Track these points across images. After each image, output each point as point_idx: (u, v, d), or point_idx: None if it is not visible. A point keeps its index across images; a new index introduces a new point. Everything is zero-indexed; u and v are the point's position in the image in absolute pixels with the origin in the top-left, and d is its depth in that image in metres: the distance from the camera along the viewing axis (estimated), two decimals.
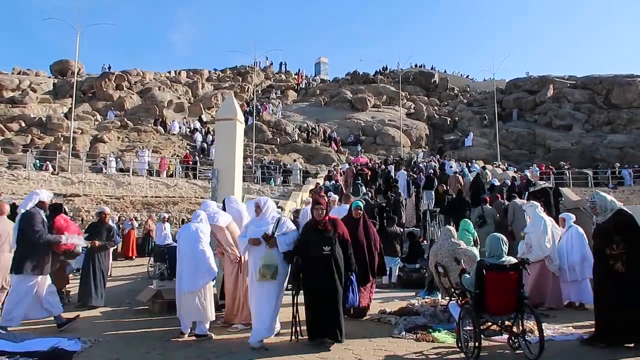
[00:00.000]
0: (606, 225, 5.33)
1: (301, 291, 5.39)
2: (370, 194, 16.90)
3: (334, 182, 19.21)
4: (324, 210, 5.50)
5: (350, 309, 6.25)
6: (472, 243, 8.13)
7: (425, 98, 46.10)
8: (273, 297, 5.35)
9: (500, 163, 29.04)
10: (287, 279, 5.55)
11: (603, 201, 5.46)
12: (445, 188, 15.67)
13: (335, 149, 33.69)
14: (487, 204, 11.72)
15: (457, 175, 18.38)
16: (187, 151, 28.92)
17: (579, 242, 7.55)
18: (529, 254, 7.41)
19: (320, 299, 5.18)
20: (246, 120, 24.15)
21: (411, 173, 21.11)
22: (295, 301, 5.36)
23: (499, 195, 13.43)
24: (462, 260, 6.26)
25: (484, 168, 23.97)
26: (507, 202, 12.16)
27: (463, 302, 5.36)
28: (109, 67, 42.31)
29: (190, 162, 25.37)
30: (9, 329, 5.61)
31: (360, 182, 18.17)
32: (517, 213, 10.81)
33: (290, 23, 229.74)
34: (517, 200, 11.68)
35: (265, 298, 5.33)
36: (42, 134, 28.46)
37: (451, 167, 22.86)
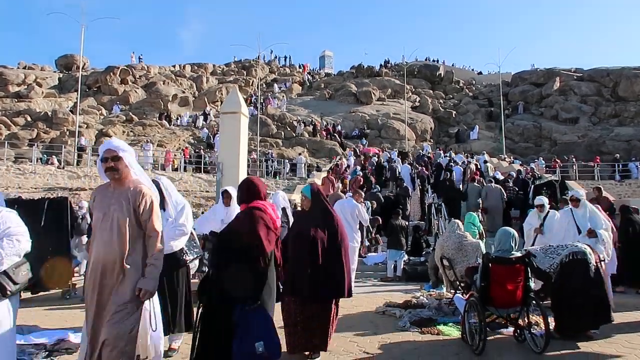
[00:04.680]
0: None
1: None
2: (377, 187, 16.96)
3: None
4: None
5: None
6: (477, 236, 8.10)
7: (431, 91, 45.87)
8: None
9: (505, 156, 28.91)
10: None
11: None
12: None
13: (325, 136, 33.77)
14: (475, 182, 14.63)
15: (473, 164, 18.77)
16: (186, 145, 28.96)
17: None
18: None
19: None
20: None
21: (416, 165, 21.10)
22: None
23: (479, 178, 15.92)
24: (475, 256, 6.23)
25: (485, 162, 23.91)
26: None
27: (468, 295, 5.34)
28: (140, 58, 43.86)
29: (189, 156, 25.43)
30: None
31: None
32: (489, 194, 13.58)
33: (295, 17, 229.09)
34: (492, 184, 14.20)
35: None
36: (47, 128, 28.57)
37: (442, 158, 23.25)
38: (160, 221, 3.34)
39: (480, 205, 13.55)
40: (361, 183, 16.36)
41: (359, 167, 20.83)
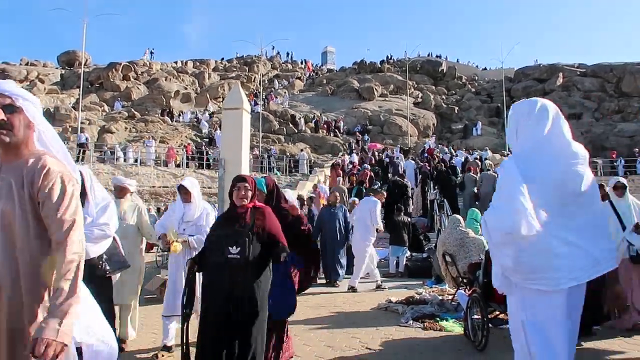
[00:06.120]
0: None
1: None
2: (378, 183, 16.99)
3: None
4: (250, 192, 3.35)
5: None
6: (480, 232, 8.07)
7: (433, 87, 45.77)
8: None
9: (508, 152, 28.84)
10: None
11: None
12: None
13: (325, 131, 33.77)
14: (471, 172, 14.66)
15: (477, 160, 19.03)
16: (189, 142, 28.97)
17: None
18: None
19: (215, 338, 3.09)
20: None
21: (418, 161, 21.12)
22: (185, 330, 3.37)
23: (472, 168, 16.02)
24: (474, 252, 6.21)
25: (485, 159, 23.92)
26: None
27: (471, 291, 5.33)
28: (152, 52, 45.90)
29: (191, 153, 25.44)
30: None
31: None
32: (484, 180, 13.35)
33: (297, 13, 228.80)
34: (488, 172, 14.08)
35: None
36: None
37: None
38: (81, 216, 1.97)
39: (475, 191, 13.86)
40: (368, 177, 16.45)
41: (365, 164, 20.89)
